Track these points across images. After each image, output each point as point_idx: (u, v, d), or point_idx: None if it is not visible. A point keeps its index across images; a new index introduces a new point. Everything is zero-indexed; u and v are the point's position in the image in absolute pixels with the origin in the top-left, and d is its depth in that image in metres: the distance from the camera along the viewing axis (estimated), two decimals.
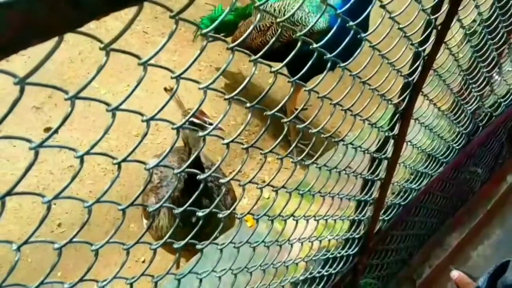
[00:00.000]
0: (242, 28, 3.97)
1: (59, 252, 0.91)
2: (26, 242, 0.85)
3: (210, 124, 2.21)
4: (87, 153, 0.86)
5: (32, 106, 4.34)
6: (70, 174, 4.02)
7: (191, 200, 1.17)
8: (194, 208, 1.19)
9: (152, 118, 0.93)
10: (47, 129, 4.16)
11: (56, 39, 0.66)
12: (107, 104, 0.85)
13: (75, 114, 0.81)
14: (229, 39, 4.00)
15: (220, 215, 1.28)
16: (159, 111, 0.94)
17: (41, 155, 0.80)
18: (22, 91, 0.68)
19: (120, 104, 0.86)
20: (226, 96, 1.07)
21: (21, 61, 3.62)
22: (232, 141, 1.12)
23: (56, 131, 0.81)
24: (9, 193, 0.76)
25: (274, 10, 3.63)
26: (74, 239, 0.96)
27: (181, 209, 1.14)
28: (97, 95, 4.42)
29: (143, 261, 3.45)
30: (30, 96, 4.24)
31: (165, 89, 2.46)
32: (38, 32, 0.63)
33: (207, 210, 1.21)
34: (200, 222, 1.20)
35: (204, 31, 0.93)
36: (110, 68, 4.51)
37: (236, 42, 1.05)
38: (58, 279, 1.00)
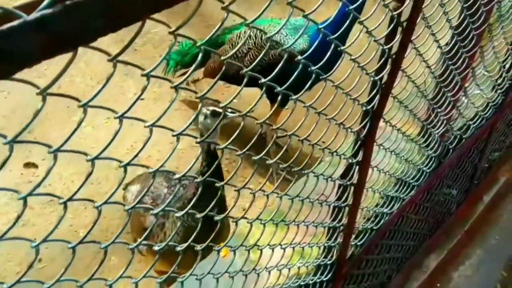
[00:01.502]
0: (216, 57, 3.99)
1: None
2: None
3: (232, 112, 2.21)
4: (70, 199, 0.89)
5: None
6: (51, 208, 4.04)
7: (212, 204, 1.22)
8: (212, 213, 1.37)
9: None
10: (27, 164, 4.15)
11: None
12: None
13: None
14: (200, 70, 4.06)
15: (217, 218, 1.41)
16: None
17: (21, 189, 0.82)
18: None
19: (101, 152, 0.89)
20: (198, 140, 1.11)
21: None
22: (183, 175, 1.15)
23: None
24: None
25: (250, 36, 3.67)
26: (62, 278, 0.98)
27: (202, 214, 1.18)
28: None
29: None
30: (9, 131, 4.24)
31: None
32: None
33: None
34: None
35: (174, 85, 0.97)
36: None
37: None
38: None
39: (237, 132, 1.27)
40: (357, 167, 1.95)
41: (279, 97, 1.33)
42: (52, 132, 4.10)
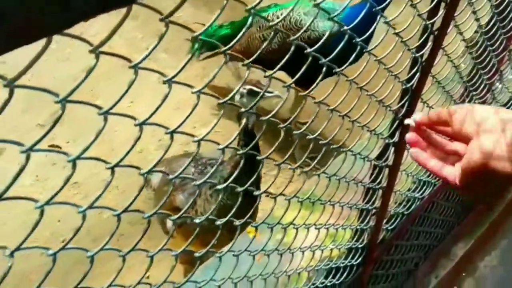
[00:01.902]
0: (243, 39, 3.93)
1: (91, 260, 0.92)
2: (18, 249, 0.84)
3: (269, 92, 2.18)
4: (78, 157, 0.86)
5: (36, 124, 4.36)
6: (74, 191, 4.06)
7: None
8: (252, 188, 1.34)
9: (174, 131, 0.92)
10: (51, 146, 4.16)
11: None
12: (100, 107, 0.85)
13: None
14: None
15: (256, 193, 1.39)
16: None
17: (47, 171, 0.80)
18: (11, 93, 0.68)
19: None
20: (220, 100, 1.07)
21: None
22: (227, 146, 1.12)
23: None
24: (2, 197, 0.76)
25: (278, 17, 3.59)
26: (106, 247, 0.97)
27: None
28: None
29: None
30: (33, 113, 4.26)
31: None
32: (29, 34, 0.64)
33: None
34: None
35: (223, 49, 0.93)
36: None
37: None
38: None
39: (276, 109, 1.23)
40: (393, 148, 1.91)
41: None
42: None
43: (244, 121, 1.98)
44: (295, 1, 3.56)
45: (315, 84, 1.32)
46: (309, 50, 1.20)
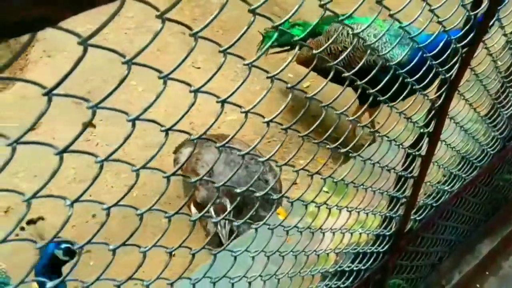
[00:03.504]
0: (311, 46, 3.86)
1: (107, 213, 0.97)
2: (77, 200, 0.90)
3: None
4: (107, 159, 0.92)
5: (72, 102, 4.46)
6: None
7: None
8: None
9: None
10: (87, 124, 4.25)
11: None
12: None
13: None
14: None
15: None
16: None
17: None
18: (49, 101, 0.74)
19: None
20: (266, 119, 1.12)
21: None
22: (271, 120, 1.16)
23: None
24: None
25: (348, 33, 3.56)
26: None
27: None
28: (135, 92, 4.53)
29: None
30: (71, 90, 4.35)
31: None
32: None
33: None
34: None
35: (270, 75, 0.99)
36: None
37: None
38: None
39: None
40: (428, 138, 1.93)
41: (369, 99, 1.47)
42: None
43: None
44: (368, 18, 3.50)
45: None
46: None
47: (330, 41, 1.86)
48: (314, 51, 1.23)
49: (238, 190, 1.20)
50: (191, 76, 4.63)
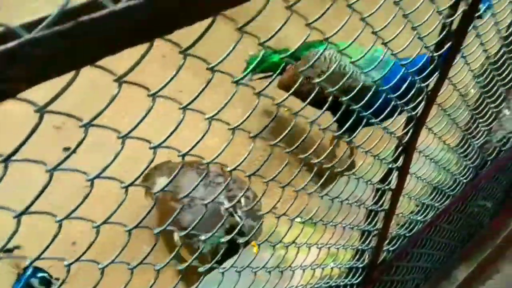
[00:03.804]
0: (290, 71, 3.95)
1: (67, 269, 0.97)
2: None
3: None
4: (98, 176, 0.92)
5: (53, 126, 4.43)
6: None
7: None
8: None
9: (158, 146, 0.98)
10: (66, 149, 4.22)
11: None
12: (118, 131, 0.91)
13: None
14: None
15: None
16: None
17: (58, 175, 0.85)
18: (41, 118, 0.75)
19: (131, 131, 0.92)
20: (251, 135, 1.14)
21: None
22: (235, 168, 1.18)
23: (73, 151, 0.87)
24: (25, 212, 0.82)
25: (325, 58, 3.61)
26: (82, 258, 1.01)
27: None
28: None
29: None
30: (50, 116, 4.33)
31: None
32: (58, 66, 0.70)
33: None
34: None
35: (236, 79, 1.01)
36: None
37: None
38: None
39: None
40: (397, 172, 1.95)
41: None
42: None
43: None
44: (345, 43, 3.54)
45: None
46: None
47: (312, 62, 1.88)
48: (301, 68, 1.27)
49: (202, 237, 1.21)
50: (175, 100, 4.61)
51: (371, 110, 1.57)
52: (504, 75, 2.33)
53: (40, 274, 2.60)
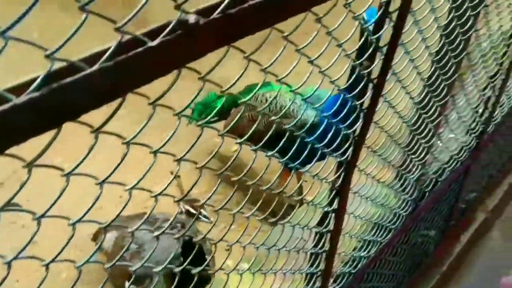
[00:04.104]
0: (234, 115, 4.00)
1: None
2: None
3: (205, 216, 2.36)
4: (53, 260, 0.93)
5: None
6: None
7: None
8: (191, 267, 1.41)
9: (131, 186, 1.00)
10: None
11: None
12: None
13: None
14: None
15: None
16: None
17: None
18: None
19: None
20: (198, 165, 1.18)
21: None
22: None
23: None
24: None
25: (266, 100, 3.68)
26: None
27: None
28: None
29: None
30: None
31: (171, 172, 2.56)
32: None
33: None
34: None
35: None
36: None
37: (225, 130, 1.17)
38: None
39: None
40: (333, 214, 2.01)
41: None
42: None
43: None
44: (279, 85, 3.63)
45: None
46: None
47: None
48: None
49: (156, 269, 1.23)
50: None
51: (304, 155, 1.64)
52: (430, 112, 2.44)
53: None
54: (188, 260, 1.48)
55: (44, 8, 5.59)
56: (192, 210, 2.45)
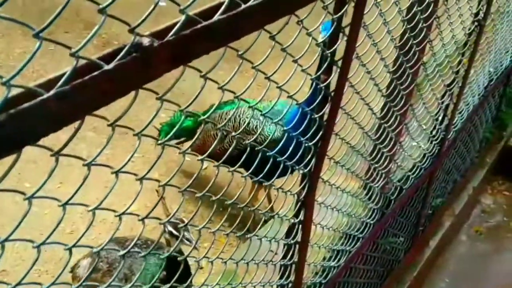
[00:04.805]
0: (200, 135, 3.96)
1: None
2: None
3: (187, 239, 2.38)
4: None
5: None
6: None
7: None
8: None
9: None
10: None
11: None
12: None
13: None
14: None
15: None
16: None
17: None
18: None
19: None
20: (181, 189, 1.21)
21: None
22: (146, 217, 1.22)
23: None
24: None
25: (230, 119, 3.71)
26: None
27: None
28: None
29: None
30: None
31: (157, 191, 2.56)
32: None
33: None
34: None
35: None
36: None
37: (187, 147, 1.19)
38: None
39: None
40: (300, 226, 2.05)
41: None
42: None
43: None
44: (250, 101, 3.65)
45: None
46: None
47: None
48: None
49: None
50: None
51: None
52: (391, 121, 2.51)
53: None
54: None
55: (7, 34, 5.58)
56: (175, 232, 2.45)
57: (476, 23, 3.07)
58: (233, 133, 1.47)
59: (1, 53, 5.48)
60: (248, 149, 1.55)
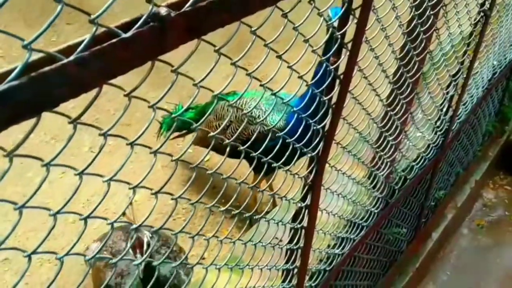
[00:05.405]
0: (203, 125, 3.98)
1: None
2: None
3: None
4: (34, 252, 0.94)
5: None
6: (5, 267, 3.97)
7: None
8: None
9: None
10: None
11: None
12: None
13: None
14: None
15: None
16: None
17: None
18: None
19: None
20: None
21: None
22: (180, 196, 1.22)
23: None
24: None
25: (231, 108, 3.69)
26: None
27: None
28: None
29: None
30: None
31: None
32: None
33: None
34: None
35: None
36: None
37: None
38: None
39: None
40: (306, 210, 2.06)
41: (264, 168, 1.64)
42: (6, 188, 4.07)
43: None
44: (252, 92, 3.69)
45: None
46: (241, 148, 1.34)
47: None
48: (210, 134, 1.36)
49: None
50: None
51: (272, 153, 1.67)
52: (397, 109, 2.52)
53: None
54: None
55: (10, 25, 5.57)
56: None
57: (482, 13, 3.06)
58: (234, 124, 1.46)
59: (4, 43, 5.48)
60: (253, 138, 1.55)
